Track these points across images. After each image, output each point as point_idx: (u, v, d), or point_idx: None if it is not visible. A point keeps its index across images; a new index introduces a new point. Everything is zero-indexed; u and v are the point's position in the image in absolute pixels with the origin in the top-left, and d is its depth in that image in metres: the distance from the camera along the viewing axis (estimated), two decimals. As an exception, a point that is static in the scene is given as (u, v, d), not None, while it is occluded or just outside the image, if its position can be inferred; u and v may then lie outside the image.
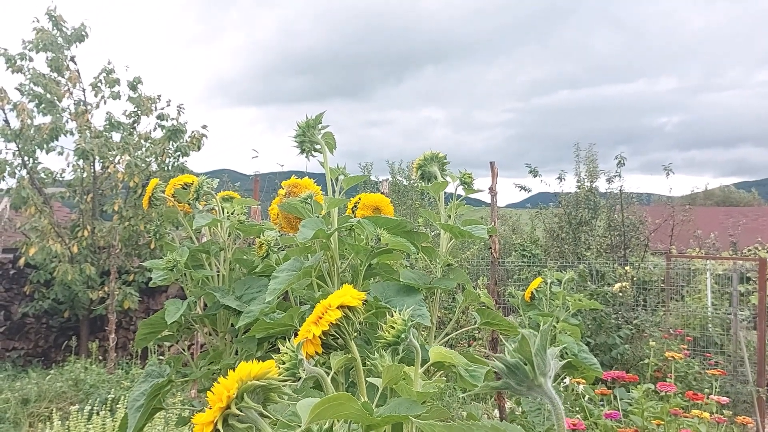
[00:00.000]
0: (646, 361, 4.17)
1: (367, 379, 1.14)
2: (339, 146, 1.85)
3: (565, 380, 3.60)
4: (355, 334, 1.08)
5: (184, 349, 2.40)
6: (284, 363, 0.96)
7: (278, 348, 1.01)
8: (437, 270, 1.91)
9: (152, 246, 8.25)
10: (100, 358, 7.40)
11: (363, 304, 1.11)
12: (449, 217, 1.95)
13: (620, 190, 9.70)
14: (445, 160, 1.97)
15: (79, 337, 8.19)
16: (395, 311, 1.09)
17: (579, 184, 10.72)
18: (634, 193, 10.22)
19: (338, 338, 1.05)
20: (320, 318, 1.02)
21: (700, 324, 7.99)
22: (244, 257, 2.35)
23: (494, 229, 1.92)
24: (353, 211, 2.18)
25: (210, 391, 0.70)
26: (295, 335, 1.05)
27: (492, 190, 2.77)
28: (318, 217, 1.81)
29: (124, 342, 8.37)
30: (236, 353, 2.29)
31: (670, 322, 7.94)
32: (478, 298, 1.93)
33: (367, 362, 1.21)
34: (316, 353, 1.04)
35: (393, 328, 1.06)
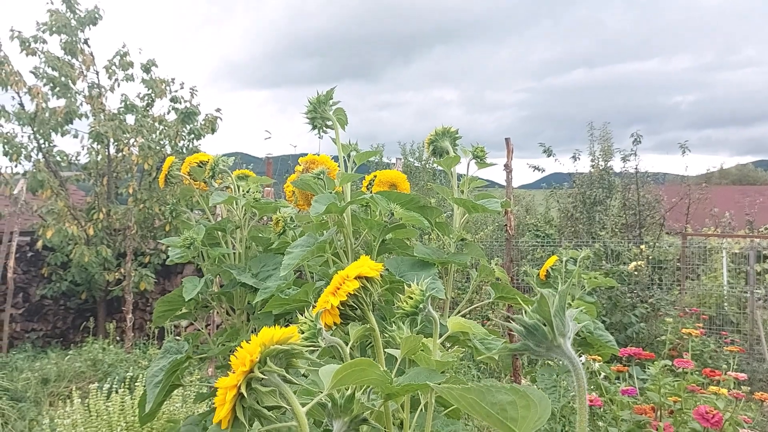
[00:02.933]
0: (662, 337, 4.14)
1: (385, 350, 1.14)
2: (350, 129, 1.84)
3: (580, 358, 3.60)
4: (373, 305, 1.08)
5: (201, 327, 2.42)
6: (303, 332, 0.96)
7: (295, 323, 1.01)
8: (451, 246, 1.91)
9: (167, 228, 8.30)
10: (118, 338, 7.50)
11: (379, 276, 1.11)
12: (462, 192, 1.95)
13: (636, 168, 9.62)
14: (456, 135, 1.95)
15: (96, 318, 8.29)
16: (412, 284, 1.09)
17: (593, 163, 10.64)
18: (650, 173, 10.13)
19: (356, 309, 1.06)
20: (338, 288, 1.02)
21: (716, 303, 7.95)
22: (260, 235, 2.36)
23: (508, 203, 1.91)
24: (369, 189, 2.18)
25: (233, 355, 0.70)
26: (311, 310, 1.05)
27: (507, 167, 2.75)
28: (331, 192, 1.81)
29: (141, 323, 8.47)
30: (253, 331, 2.30)
31: (685, 301, 7.90)
32: (493, 273, 1.93)
33: (385, 334, 1.21)
34: (335, 324, 1.04)
35: (411, 298, 1.06)
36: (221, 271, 2.31)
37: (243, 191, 2.34)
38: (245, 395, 0.69)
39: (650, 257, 8.04)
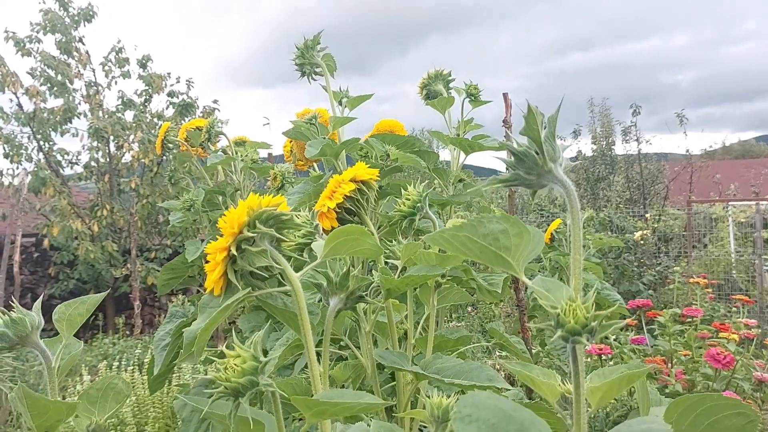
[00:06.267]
0: (670, 286, 4.09)
1: (386, 260, 1.13)
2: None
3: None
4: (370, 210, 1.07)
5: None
6: (300, 231, 0.95)
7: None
8: (449, 187, 1.89)
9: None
10: (127, 333, 7.51)
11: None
12: (458, 135, 1.93)
13: (637, 138, 9.58)
14: (449, 78, 1.94)
15: (105, 315, 8.30)
16: (409, 185, 1.08)
17: (594, 140, 10.65)
18: (653, 153, 10.14)
19: (353, 214, 1.04)
20: (334, 192, 1.01)
21: (723, 270, 7.91)
22: (260, 197, 2.34)
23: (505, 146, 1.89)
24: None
25: (221, 219, 0.69)
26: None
27: (506, 122, 2.73)
28: (325, 138, 1.79)
29: (150, 318, 8.47)
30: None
31: (693, 270, 7.86)
32: (492, 213, 1.91)
33: (386, 251, 1.19)
34: (332, 229, 1.03)
35: (408, 199, 1.05)
36: (222, 234, 2.31)
37: (241, 155, 2.34)
38: (237, 257, 0.68)
39: (656, 228, 8.01)
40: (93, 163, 8.40)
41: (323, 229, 1.03)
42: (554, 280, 0.57)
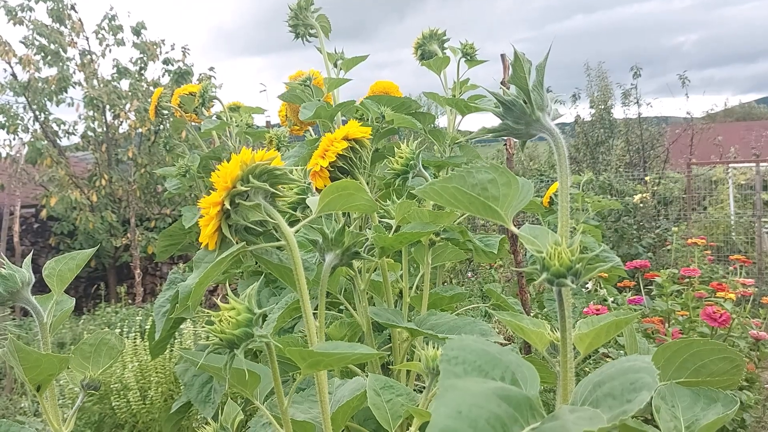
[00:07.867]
0: (668, 247, 4.10)
1: (381, 220, 1.13)
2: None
3: (587, 284, 3.60)
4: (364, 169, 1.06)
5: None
6: (293, 189, 0.95)
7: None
8: (446, 150, 1.88)
9: (170, 191, 8.30)
10: (129, 301, 7.56)
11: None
12: (454, 96, 1.91)
13: (637, 100, 9.52)
14: (444, 37, 1.92)
15: (107, 285, 8.35)
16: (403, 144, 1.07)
17: (592, 104, 10.59)
18: (653, 117, 10.08)
19: (347, 173, 1.04)
20: (326, 151, 1.00)
21: (723, 233, 7.93)
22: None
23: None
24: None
25: (214, 173, 0.69)
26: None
27: (504, 85, 2.70)
28: (320, 100, 1.78)
29: (152, 287, 8.52)
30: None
31: (693, 233, 7.88)
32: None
33: (380, 210, 1.19)
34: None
35: (401, 157, 1.04)
36: (219, 200, 2.30)
37: (236, 120, 2.33)
38: (230, 212, 0.68)
39: (655, 191, 8.00)
40: (90, 133, 8.36)
41: (316, 189, 1.02)
42: (542, 227, 0.57)
